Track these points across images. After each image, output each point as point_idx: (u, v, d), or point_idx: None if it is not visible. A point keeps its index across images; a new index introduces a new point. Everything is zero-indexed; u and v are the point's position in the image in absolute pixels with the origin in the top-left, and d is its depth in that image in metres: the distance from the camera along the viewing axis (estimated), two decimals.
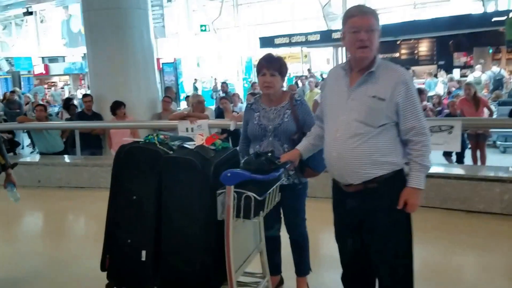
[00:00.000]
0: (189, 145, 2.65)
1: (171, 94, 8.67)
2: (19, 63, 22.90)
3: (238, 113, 6.74)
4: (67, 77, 26.45)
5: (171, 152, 2.56)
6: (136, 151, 2.58)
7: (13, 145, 7.18)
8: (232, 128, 5.84)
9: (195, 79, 22.85)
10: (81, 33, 25.63)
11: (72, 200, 6.02)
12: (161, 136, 2.66)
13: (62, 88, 24.67)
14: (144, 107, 7.64)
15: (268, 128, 2.85)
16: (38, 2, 16.30)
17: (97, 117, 7.34)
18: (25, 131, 8.75)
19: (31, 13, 17.17)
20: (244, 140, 3.05)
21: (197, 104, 6.39)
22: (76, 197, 6.06)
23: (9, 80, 21.93)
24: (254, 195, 2.36)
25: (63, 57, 26.83)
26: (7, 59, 22.97)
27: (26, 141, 10.29)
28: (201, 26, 25.28)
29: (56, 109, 17.27)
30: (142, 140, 2.66)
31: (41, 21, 28.37)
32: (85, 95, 7.66)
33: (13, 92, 12.69)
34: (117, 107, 6.89)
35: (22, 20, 31.84)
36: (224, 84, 14.38)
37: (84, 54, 26.36)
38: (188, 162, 2.43)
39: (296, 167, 2.66)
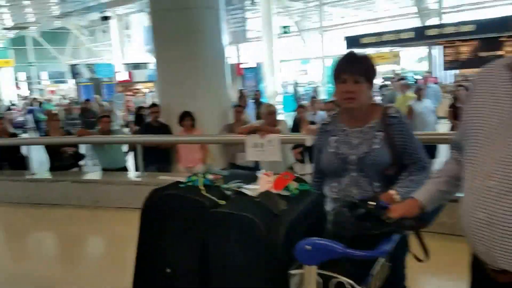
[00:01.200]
0: (250, 190, 1.81)
1: (243, 102, 7.95)
2: (100, 69, 23.71)
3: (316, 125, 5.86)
4: (151, 84, 27.06)
5: (223, 202, 1.74)
6: (171, 200, 1.84)
7: (78, 158, 6.83)
8: (308, 144, 4.96)
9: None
10: None
11: (129, 224, 5.45)
12: (210, 177, 1.89)
13: (144, 95, 25.15)
14: (214, 117, 6.98)
15: (349, 159, 2.04)
16: (114, 6, 16.51)
17: (164, 128, 6.79)
18: None
19: (107, 18, 17.51)
20: (317, 175, 2.21)
21: (267, 116, 5.63)
22: (134, 220, 5.49)
23: (91, 88, 22.73)
24: (351, 282, 1.49)
25: (146, 63, 27.49)
26: (88, 66, 23.87)
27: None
28: (283, 27, 24.66)
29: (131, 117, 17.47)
30: (184, 182, 1.90)
31: (126, 28, 29.38)
32: (152, 105, 7.15)
33: (88, 100, 12.75)
34: (183, 117, 6.31)
35: (108, 27, 33.43)
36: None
37: None
38: (245, 221, 1.60)
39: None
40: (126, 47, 28.07)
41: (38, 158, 7.42)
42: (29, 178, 6.34)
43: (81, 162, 6.99)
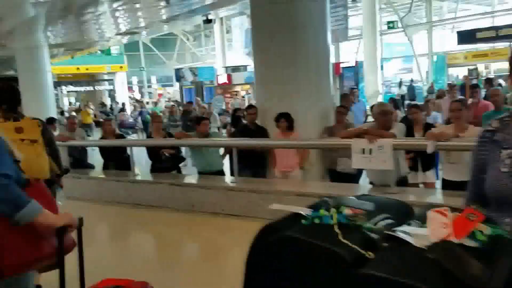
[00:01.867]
0: (413, 234, 1.10)
1: (347, 102, 7.43)
2: (202, 73, 24.39)
3: (436, 127, 5.17)
4: (248, 86, 27.38)
5: (371, 255, 1.07)
6: (290, 248, 1.16)
7: (177, 160, 6.82)
8: (429, 150, 4.34)
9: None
10: None
11: (222, 231, 5.26)
12: (348, 212, 1.22)
13: (243, 97, 25.47)
14: (314, 119, 6.56)
15: None
16: (217, 8, 16.73)
17: (260, 131, 6.53)
18: None
19: (210, 21, 17.82)
20: (474, 200, 1.52)
21: (380, 116, 4.92)
22: (227, 228, 5.29)
23: (193, 91, 23.45)
24: None
25: (245, 66, 27.84)
26: (191, 70, 24.69)
27: None
28: (389, 23, 23.47)
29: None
30: (309, 217, 1.22)
31: (227, 32, 30.01)
32: (249, 106, 6.93)
33: (190, 103, 12.98)
34: (278, 119, 6.02)
35: (210, 31, 34.42)
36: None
37: None
38: None
39: None
40: (227, 50, 28.66)
41: (142, 159, 7.57)
42: (131, 179, 6.42)
43: (180, 165, 6.99)
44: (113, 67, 32.14)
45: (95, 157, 8.16)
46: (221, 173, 6.44)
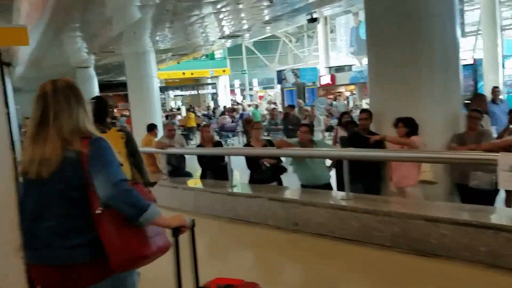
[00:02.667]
0: None
1: (481, 105, 6.23)
2: (304, 74, 23.61)
3: None
4: (352, 87, 26.14)
5: None
6: None
7: (278, 171, 6.17)
8: None
9: None
10: None
11: (330, 257, 4.47)
12: None
13: (347, 98, 24.30)
14: (439, 125, 5.53)
15: None
16: (321, 6, 15.89)
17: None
18: None
19: (315, 20, 16.99)
20: None
21: None
22: (337, 254, 4.48)
23: (294, 92, 22.76)
24: None
25: (350, 66, 26.62)
26: (293, 71, 24.02)
27: None
28: None
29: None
30: None
31: (331, 31, 29.00)
32: (362, 111, 6.04)
33: (291, 106, 12.28)
34: (396, 124, 5.13)
35: (314, 32, 33.62)
36: None
37: None
38: None
39: None
40: (330, 50, 27.64)
41: (240, 166, 7.07)
42: (228, 192, 5.87)
43: (282, 176, 6.32)
44: (216, 71, 32.70)
45: (194, 164, 7.82)
46: (328, 187, 5.65)
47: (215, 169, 6.80)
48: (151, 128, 8.38)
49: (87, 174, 1.97)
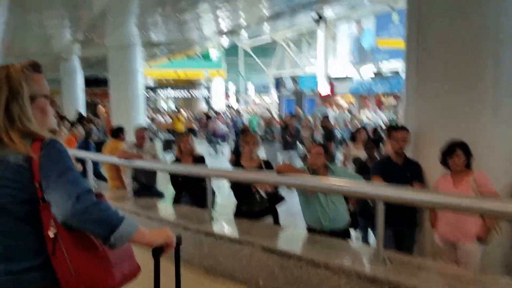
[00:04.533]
0: None
1: None
2: (304, 81, 21.89)
3: None
4: (351, 97, 24.59)
5: None
6: None
7: (274, 201, 4.53)
8: None
9: None
10: (373, 49, 23.32)
11: None
12: None
13: (346, 109, 22.68)
14: (505, 154, 3.94)
15: None
16: (322, 3, 14.27)
17: (412, 169, 4.05)
18: None
19: (320, 18, 15.38)
20: None
21: None
22: None
23: (292, 100, 21.12)
24: None
25: (350, 78, 25.07)
26: (292, 78, 22.29)
27: None
28: None
29: (339, 135, 15.03)
30: None
31: (333, 39, 27.46)
32: (401, 128, 4.35)
33: (293, 116, 10.60)
34: (449, 152, 3.53)
35: (312, 38, 32.11)
36: None
37: (376, 72, 24.39)
38: None
39: None
40: (330, 59, 26.08)
41: (227, 191, 5.41)
42: (205, 229, 4.21)
43: (278, 206, 4.67)
44: (211, 72, 31.06)
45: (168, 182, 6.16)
46: (346, 234, 4.01)
47: (192, 192, 5.16)
48: (117, 133, 6.70)
49: (38, 185, 1.49)
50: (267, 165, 4.61)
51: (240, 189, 4.42)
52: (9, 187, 1.50)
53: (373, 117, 18.40)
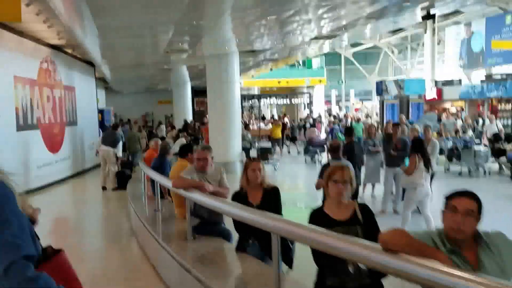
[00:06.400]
0: None
1: None
2: (409, 86, 18.90)
3: None
4: (461, 103, 21.04)
5: None
6: None
7: (376, 274, 2.61)
8: None
9: None
10: (483, 53, 19.80)
11: None
12: None
13: (457, 115, 19.22)
14: None
15: None
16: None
17: None
18: None
19: (432, 16, 12.74)
20: None
21: None
22: None
23: (396, 106, 18.36)
24: None
25: (459, 80, 21.50)
26: (396, 82, 19.43)
27: None
28: None
29: (449, 144, 12.23)
30: None
31: (438, 43, 24.02)
32: None
33: (396, 125, 8.30)
34: None
35: (418, 44, 28.72)
36: None
37: (487, 75, 20.64)
38: None
39: None
40: (437, 63, 22.74)
41: None
42: None
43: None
44: (313, 80, 29.18)
45: None
46: None
47: (262, 239, 3.42)
48: (185, 151, 5.18)
49: None
50: (366, 213, 2.70)
51: (323, 253, 2.56)
52: None
53: (487, 125, 15.01)
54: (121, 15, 8.17)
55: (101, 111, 17.29)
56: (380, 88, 19.21)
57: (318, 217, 2.70)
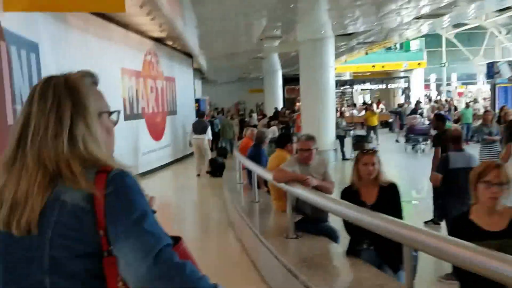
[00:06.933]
0: None
1: None
2: None
3: None
4: None
5: None
6: None
7: None
8: None
9: None
10: None
11: None
12: None
13: None
14: None
15: None
16: None
17: None
18: None
19: None
20: None
21: None
22: None
23: (510, 90, 16.09)
24: None
25: None
26: (509, 63, 17.00)
27: None
28: None
29: None
30: None
31: None
32: None
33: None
34: None
35: None
36: None
37: None
38: None
39: None
40: None
41: None
42: None
43: None
44: (411, 64, 27.06)
45: None
46: None
47: (379, 244, 2.89)
48: (284, 142, 4.74)
49: (102, 234, 0.94)
50: None
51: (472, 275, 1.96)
52: (65, 236, 0.94)
53: None
54: (219, 2, 8.01)
55: (197, 101, 17.67)
56: (492, 71, 17.01)
57: (462, 226, 2.09)
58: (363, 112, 19.13)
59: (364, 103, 24.91)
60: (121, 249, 0.94)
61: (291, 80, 23.18)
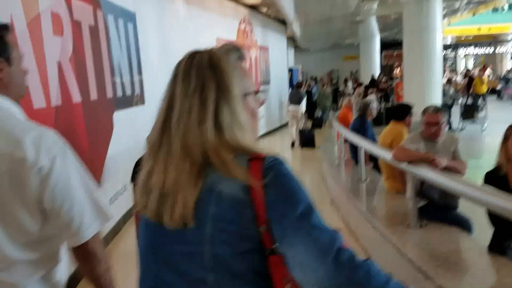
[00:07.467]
0: None
1: None
2: None
3: None
4: None
5: None
6: None
7: None
8: None
9: None
10: None
11: None
12: None
13: None
14: None
15: None
16: None
17: None
18: None
19: None
20: None
21: None
22: None
23: None
24: None
25: None
26: None
27: None
28: None
29: None
30: None
31: None
32: None
33: None
34: None
35: None
36: None
37: None
38: None
39: None
40: None
41: None
42: None
43: None
44: None
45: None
46: None
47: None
48: (402, 114, 4.07)
49: (264, 230, 0.85)
50: None
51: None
52: (226, 231, 0.85)
53: None
54: None
55: (290, 70, 17.11)
56: None
57: None
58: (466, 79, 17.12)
59: (467, 69, 22.37)
60: (289, 248, 0.83)
61: (389, 45, 21.47)
